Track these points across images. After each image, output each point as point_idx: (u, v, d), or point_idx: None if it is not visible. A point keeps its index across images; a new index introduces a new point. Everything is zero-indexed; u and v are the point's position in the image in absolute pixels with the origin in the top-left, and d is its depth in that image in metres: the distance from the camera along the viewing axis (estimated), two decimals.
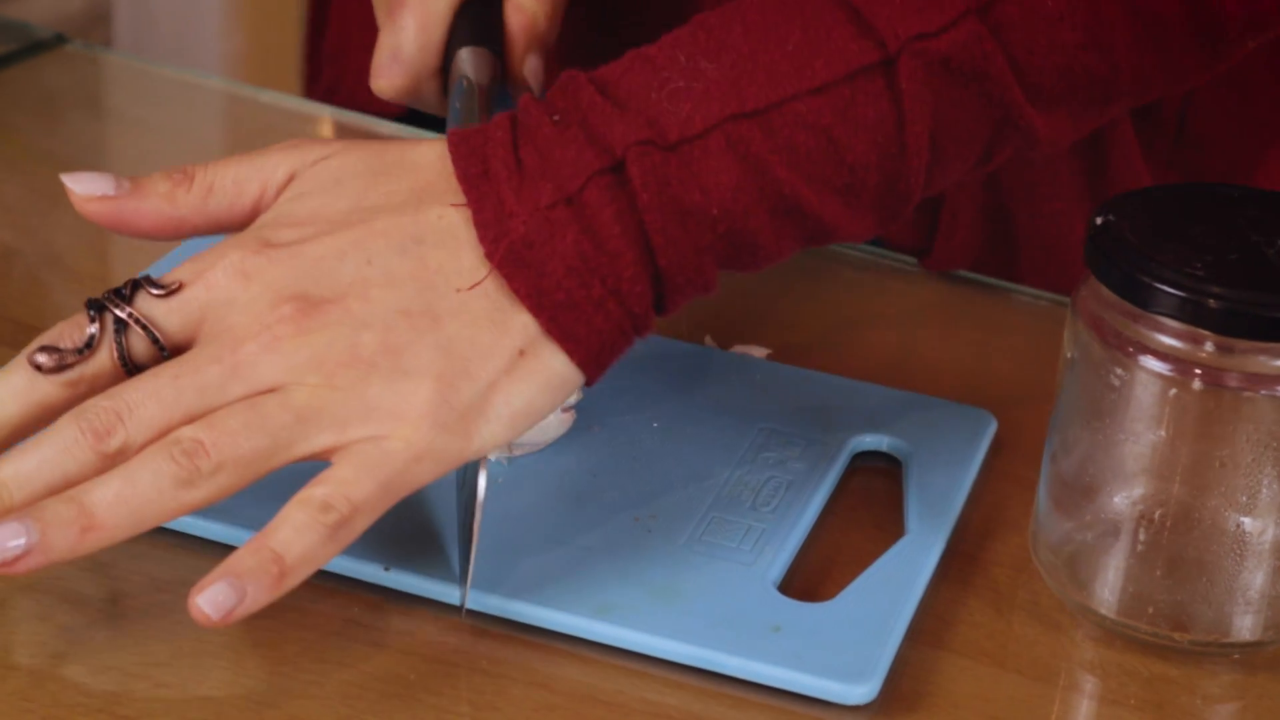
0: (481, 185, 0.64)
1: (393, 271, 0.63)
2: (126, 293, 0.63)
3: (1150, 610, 0.66)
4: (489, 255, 0.63)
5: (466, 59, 0.75)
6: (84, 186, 0.66)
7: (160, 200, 0.66)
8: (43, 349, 0.62)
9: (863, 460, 0.75)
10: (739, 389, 0.77)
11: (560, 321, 0.63)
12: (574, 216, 0.63)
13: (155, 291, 0.63)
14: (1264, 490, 0.64)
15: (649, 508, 0.69)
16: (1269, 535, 0.65)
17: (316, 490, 0.61)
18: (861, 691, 0.62)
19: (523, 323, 0.63)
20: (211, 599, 0.59)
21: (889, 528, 0.70)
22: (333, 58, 1.19)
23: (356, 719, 0.61)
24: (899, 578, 0.67)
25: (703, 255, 0.64)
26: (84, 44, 1.08)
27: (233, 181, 0.66)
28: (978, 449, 0.75)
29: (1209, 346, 0.62)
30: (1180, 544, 0.65)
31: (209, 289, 0.63)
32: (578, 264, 0.62)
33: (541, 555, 0.67)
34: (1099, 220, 0.65)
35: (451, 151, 0.65)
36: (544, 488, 0.70)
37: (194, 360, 0.62)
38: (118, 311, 0.63)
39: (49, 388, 0.62)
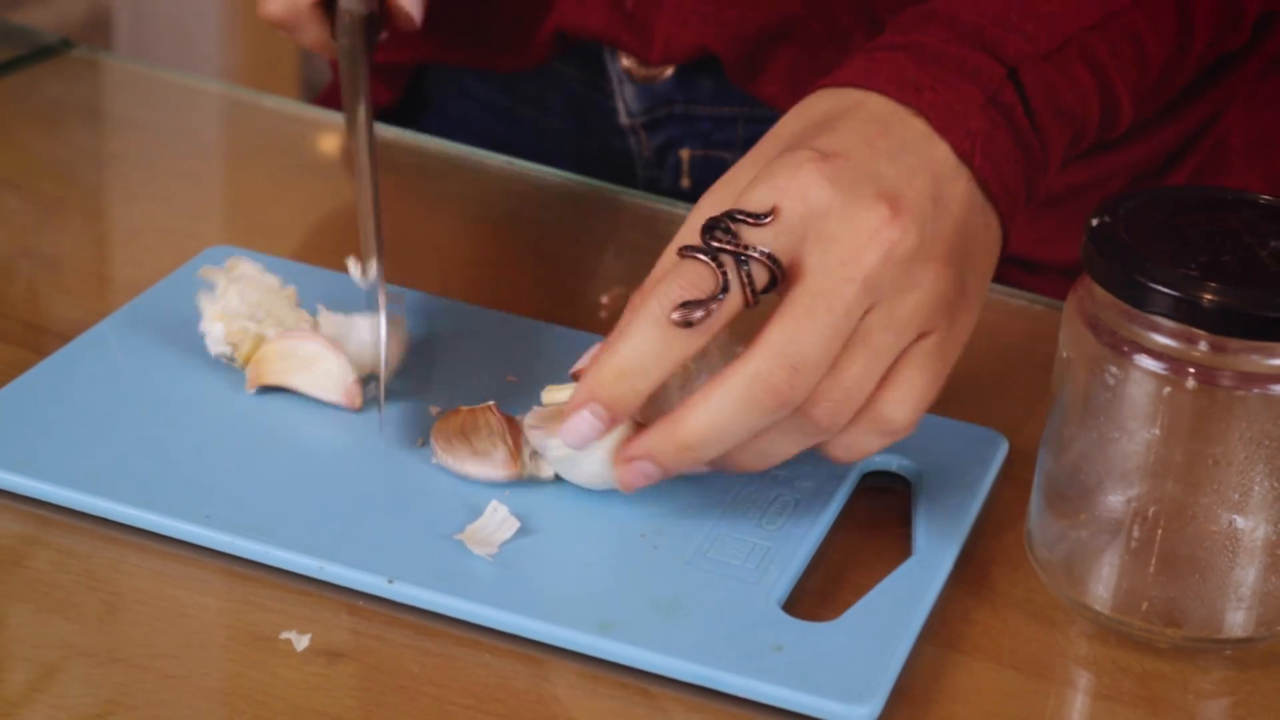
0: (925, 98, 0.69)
1: (912, 167, 0.67)
2: (727, 230, 0.64)
3: (1144, 606, 0.66)
4: (962, 151, 0.68)
5: None
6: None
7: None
8: (683, 305, 0.63)
9: (872, 480, 0.74)
10: None
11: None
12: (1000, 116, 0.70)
13: (755, 221, 0.64)
14: (1256, 488, 0.65)
15: (654, 524, 0.69)
16: (1261, 533, 0.65)
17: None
18: (863, 712, 0.61)
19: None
20: None
21: (897, 548, 0.70)
22: (333, 63, 1.20)
23: (362, 712, 0.62)
24: (904, 599, 0.66)
25: (1063, 150, 0.73)
26: (88, 49, 1.07)
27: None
28: (988, 471, 0.74)
29: (1203, 345, 0.63)
30: (1173, 541, 0.66)
31: (804, 203, 0.65)
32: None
33: (545, 570, 0.66)
34: (1095, 221, 0.66)
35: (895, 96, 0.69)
36: (549, 503, 0.70)
37: (827, 286, 0.64)
38: (737, 250, 0.64)
39: (690, 340, 0.64)
